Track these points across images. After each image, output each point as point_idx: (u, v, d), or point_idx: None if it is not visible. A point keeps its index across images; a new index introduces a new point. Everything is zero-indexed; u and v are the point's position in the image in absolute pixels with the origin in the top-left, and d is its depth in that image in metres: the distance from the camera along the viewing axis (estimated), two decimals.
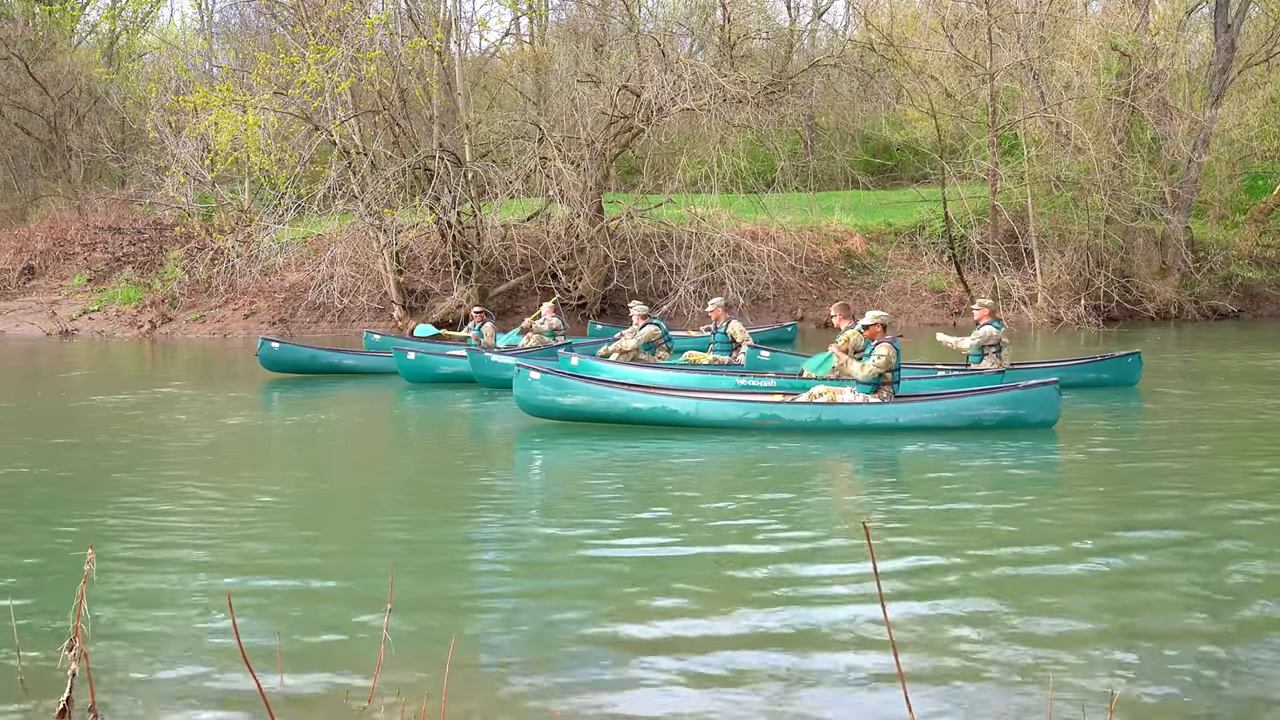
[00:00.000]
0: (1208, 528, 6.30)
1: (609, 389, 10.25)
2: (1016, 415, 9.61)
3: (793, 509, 6.93)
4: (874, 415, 9.59)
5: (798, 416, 9.69)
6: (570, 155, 23.81)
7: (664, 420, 9.97)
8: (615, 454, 9.02)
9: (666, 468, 8.43)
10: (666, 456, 8.81)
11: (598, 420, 10.18)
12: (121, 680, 4.14)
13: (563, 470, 8.85)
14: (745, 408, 9.85)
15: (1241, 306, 26.09)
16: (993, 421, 9.62)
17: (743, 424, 9.79)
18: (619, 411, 10.09)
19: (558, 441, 9.86)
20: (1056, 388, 9.64)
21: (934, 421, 9.62)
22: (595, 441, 9.55)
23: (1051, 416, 9.65)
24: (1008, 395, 9.66)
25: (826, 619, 4.72)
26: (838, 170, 32.01)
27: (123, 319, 26.20)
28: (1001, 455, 8.67)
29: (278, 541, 6.29)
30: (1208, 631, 4.53)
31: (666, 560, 5.72)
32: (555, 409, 10.26)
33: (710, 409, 9.89)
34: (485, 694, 3.99)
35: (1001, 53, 24.72)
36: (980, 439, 9.30)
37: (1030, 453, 8.74)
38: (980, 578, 5.31)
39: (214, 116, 21.50)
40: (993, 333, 11.81)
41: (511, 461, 9.17)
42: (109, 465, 8.76)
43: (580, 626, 4.69)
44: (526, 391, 10.27)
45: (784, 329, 20.76)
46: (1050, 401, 9.59)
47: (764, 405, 9.87)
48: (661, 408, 9.97)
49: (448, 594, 5.22)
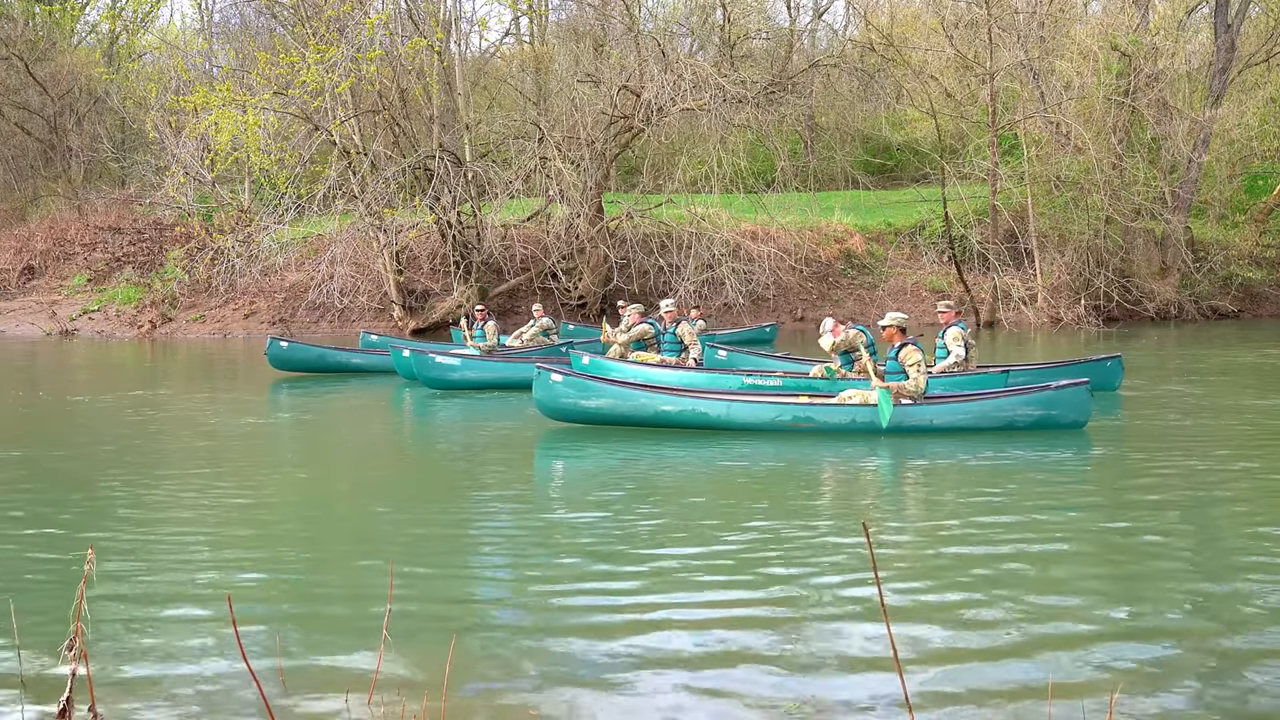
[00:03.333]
0: (1208, 528, 6.30)
1: (636, 391, 9.94)
2: (1049, 416, 9.51)
3: (805, 514, 6.92)
4: (909, 417, 9.41)
5: (832, 419, 9.47)
6: (570, 155, 23.82)
7: (694, 423, 9.71)
8: (627, 455, 9.00)
9: (677, 469, 8.41)
10: (678, 459, 8.79)
11: (623, 424, 9.89)
12: (121, 680, 4.14)
13: (568, 471, 8.84)
14: (778, 410, 9.61)
15: (1241, 306, 26.10)
16: (1026, 422, 9.50)
17: (776, 427, 9.54)
18: (647, 415, 9.79)
19: (564, 443, 9.85)
20: (1088, 388, 9.55)
21: (969, 423, 9.49)
22: (607, 444, 9.49)
23: (1083, 417, 9.56)
24: (1041, 396, 9.55)
25: (827, 619, 4.72)
26: (838, 170, 32.02)
27: (123, 319, 26.20)
28: (1008, 456, 8.66)
29: (278, 541, 6.29)
30: (1208, 631, 4.53)
31: (673, 562, 5.71)
32: (578, 412, 9.95)
33: (742, 411, 9.62)
34: (486, 693, 3.99)
35: (1001, 53, 24.73)
36: (1000, 440, 9.17)
37: (1039, 453, 8.73)
38: (981, 578, 5.31)
39: (214, 116, 21.51)
40: (959, 333, 11.66)
41: (513, 462, 9.15)
42: (109, 465, 8.76)
43: (582, 626, 4.69)
44: (548, 395, 9.95)
45: (762, 329, 20.78)
46: (1082, 402, 9.51)
47: (798, 407, 9.64)
48: (692, 410, 9.68)
49: (448, 594, 5.22)
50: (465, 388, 13.69)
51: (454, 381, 13.71)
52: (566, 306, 24.52)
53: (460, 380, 13.71)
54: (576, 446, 9.51)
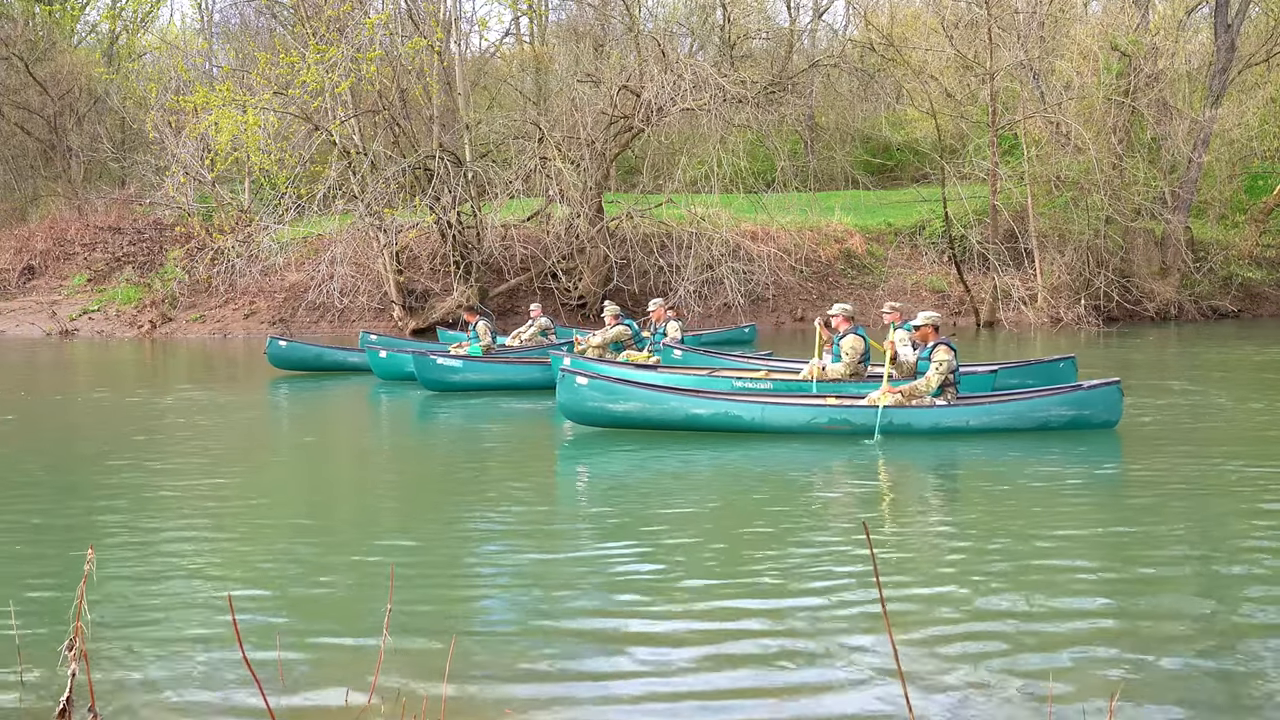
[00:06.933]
0: (1209, 528, 6.30)
1: (666, 395, 9.72)
2: (1082, 416, 9.45)
3: (819, 517, 6.92)
4: (945, 418, 9.33)
5: (870, 420, 9.25)
6: (570, 155, 23.81)
7: (726, 426, 9.49)
8: (634, 456, 8.99)
9: (688, 470, 8.40)
10: (689, 460, 8.77)
11: (652, 428, 9.64)
12: (122, 681, 4.14)
13: (568, 471, 8.84)
14: (814, 412, 9.47)
15: (1241, 306, 26.09)
16: (1060, 423, 9.43)
17: (811, 429, 9.38)
18: (677, 418, 9.54)
19: (564, 443, 9.85)
20: (1119, 387, 9.51)
21: (1004, 423, 9.41)
22: (613, 444, 9.44)
23: (1114, 417, 9.51)
24: (1075, 396, 9.49)
25: (829, 619, 4.72)
26: (838, 170, 32.00)
27: (123, 319, 26.19)
28: (1017, 456, 8.66)
29: (278, 541, 6.28)
30: (1209, 631, 4.53)
31: (678, 564, 5.71)
32: (605, 416, 9.69)
33: (776, 414, 9.47)
34: (486, 694, 3.99)
35: (1001, 53, 24.71)
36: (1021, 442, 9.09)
37: (1041, 454, 8.72)
38: (982, 577, 5.31)
39: (214, 116, 21.51)
40: (904, 335, 11.51)
41: (513, 461, 9.15)
42: (109, 464, 8.76)
43: (583, 627, 4.69)
44: (573, 398, 9.68)
45: (741, 330, 20.74)
46: (1114, 402, 9.46)
47: (833, 410, 9.48)
48: (724, 413, 9.47)
49: (448, 594, 5.21)
50: (467, 389, 13.40)
51: (455, 384, 13.46)
52: (566, 307, 24.51)
53: (461, 383, 13.47)
54: (578, 447, 9.51)
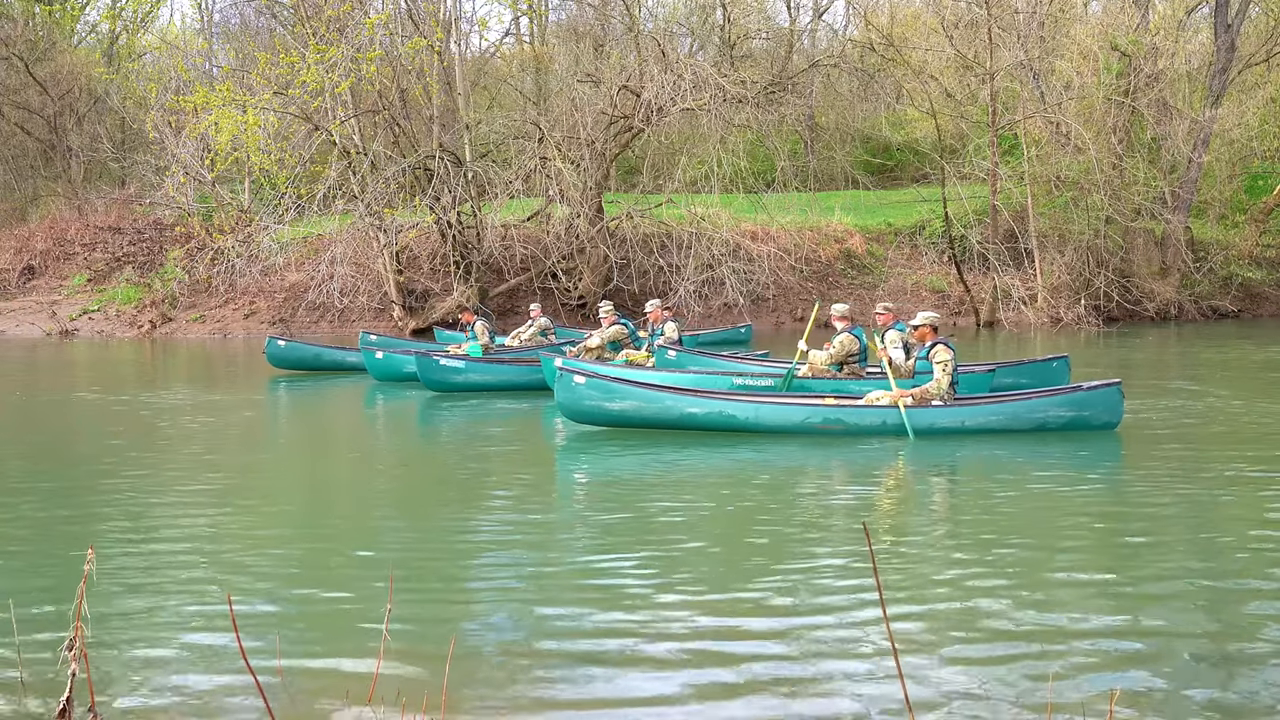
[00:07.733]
0: (1210, 529, 6.30)
1: (662, 394, 9.73)
2: (1081, 417, 9.39)
3: (819, 517, 6.92)
4: (941, 418, 9.30)
5: (863, 420, 9.31)
6: (570, 155, 23.82)
7: (721, 426, 9.51)
8: (636, 456, 9.00)
9: (688, 470, 8.40)
10: (690, 460, 8.78)
11: (648, 426, 9.68)
12: (122, 680, 4.14)
13: (568, 471, 8.84)
14: (808, 412, 9.45)
15: (1241, 306, 26.10)
16: (1058, 424, 9.38)
17: (806, 429, 9.38)
18: (672, 417, 9.58)
19: (565, 443, 9.85)
20: (1120, 388, 9.46)
21: (1001, 424, 9.37)
22: (615, 444, 9.45)
23: (1115, 418, 9.44)
24: (1074, 397, 9.44)
25: (829, 618, 4.72)
26: (838, 170, 32.01)
27: (123, 319, 26.20)
28: (1017, 457, 8.65)
29: (278, 540, 6.28)
30: (1209, 632, 4.53)
31: (680, 565, 5.70)
32: (602, 415, 9.73)
33: (771, 413, 9.47)
34: (485, 693, 3.99)
35: (1001, 53, 24.72)
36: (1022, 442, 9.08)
37: (1042, 455, 8.72)
38: (982, 578, 5.31)
39: (214, 116, 21.52)
40: (897, 336, 11.43)
41: (513, 462, 9.15)
42: (109, 464, 8.76)
43: (583, 627, 4.69)
44: (571, 397, 9.72)
45: (737, 330, 20.75)
46: (1114, 403, 9.40)
47: (828, 409, 9.48)
48: (719, 413, 9.49)
49: (448, 595, 5.21)
50: (470, 390, 13.32)
51: (458, 385, 13.40)
52: (566, 307, 24.53)
53: (464, 384, 13.41)
54: (577, 447, 9.51)
